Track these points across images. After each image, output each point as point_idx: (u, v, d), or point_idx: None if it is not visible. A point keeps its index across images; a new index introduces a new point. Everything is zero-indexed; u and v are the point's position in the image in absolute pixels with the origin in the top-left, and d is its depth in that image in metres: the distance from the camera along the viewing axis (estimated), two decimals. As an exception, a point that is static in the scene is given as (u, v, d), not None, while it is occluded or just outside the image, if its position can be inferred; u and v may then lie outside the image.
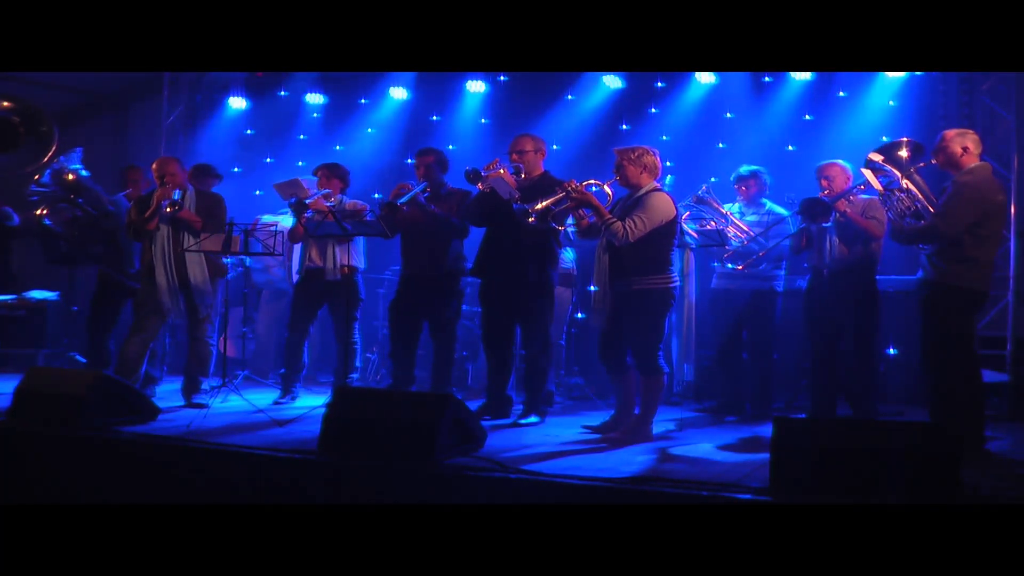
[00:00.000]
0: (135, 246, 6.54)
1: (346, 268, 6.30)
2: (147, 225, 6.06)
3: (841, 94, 7.39)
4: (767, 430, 3.88)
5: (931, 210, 4.72)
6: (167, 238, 6.06)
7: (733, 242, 6.06)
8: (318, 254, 6.41)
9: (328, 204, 6.24)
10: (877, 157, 4.90)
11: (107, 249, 6.82)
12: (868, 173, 5.34)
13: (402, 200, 5.79)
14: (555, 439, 5.06)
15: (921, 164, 4.84)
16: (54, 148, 6.94)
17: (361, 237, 6.39)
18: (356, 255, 6.41)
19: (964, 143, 4.71)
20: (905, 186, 4.78)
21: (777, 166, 6.73)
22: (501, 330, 5.76)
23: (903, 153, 4.83)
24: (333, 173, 6.53)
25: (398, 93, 8.59)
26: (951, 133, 4.77)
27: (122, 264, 6.76)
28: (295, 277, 6.74)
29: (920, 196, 4.76)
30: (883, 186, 5.01)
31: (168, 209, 5.95)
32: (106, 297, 6.76)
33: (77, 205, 6.87)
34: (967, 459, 3.82)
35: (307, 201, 6.18)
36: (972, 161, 4.70)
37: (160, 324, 6.22)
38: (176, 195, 5.97)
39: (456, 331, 6.15)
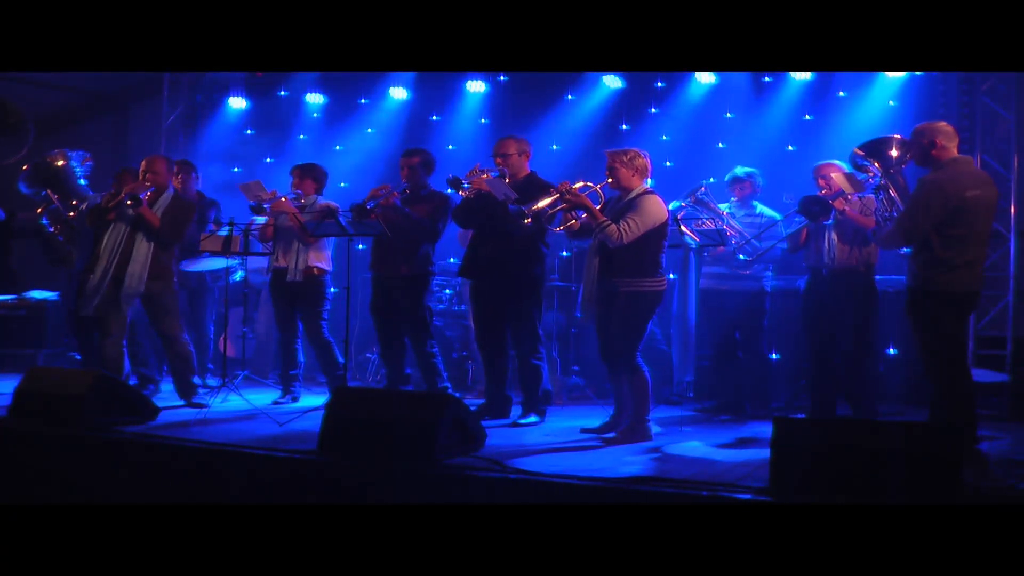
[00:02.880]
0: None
1: (315, 270, 6.30)
2: (107, 215, 5.97)
3: (841, 94, 7.37)
4: (766, 430, 3.88)
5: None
6: (122, 234, 5.94)
7: (731, 242, 6.06)
8: (283, 255, 6.37)
9: (295, 204, 6.23)
10: (859, 152, 4.75)
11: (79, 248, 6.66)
12: (837, 177, 5.18)
13: (371, 204, 5.79)
14: (554, 439, 5.07)
15: (903, 162, 4.63)
16: (30, 136, 6.79)
17: (330, 239, 6.37)
18: (323, 257, 6.40)
19: (932, 136, 4.37)
20: (884, 184, 4.60)
21: (777, 166, 6.73)
22: (493, 330, 5.76)
23: (890, 151, 4.62)
24: (307, 174, 6.48)
25: (398, 93, 8.58)
26: (920, 127, 4.47)
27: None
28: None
29: (897, 197, 4.56)
30: (860, 185, 4.92)
31: (128, 203, 5.84)
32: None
33: (52, 198, 6.70)
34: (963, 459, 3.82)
35: (266, 206, 6.15)
36: (945, 155, 4.36)
37: (123, 319, 6.03)
38: (143, 194, 5.86)
39: (430, 328, 6.11)
